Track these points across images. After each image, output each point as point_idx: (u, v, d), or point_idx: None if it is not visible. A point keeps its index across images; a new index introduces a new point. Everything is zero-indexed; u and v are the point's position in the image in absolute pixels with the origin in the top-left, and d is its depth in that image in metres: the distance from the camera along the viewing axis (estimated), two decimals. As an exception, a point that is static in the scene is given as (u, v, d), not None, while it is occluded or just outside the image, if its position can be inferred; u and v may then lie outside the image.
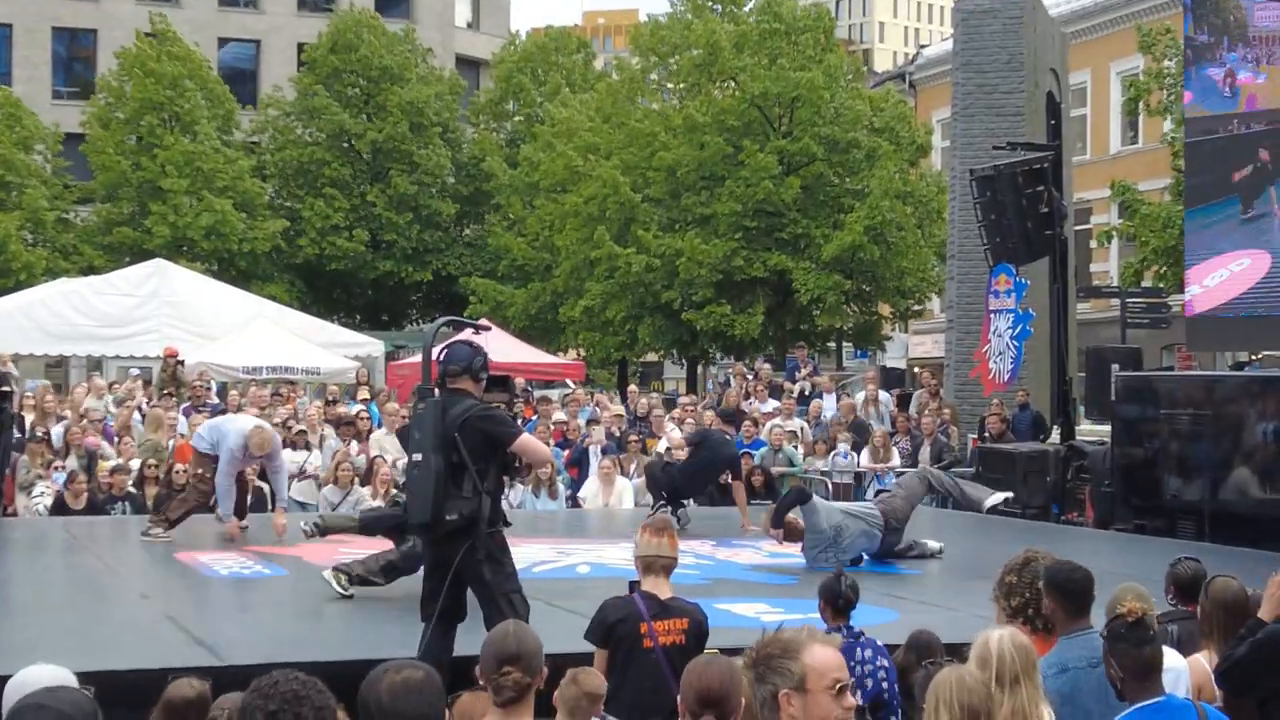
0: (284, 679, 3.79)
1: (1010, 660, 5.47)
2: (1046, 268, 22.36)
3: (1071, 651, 6.17)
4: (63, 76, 56.30)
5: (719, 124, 39.45)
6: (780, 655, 4.45)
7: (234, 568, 13.36)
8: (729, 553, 14.80)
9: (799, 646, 4.45)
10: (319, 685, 3.80)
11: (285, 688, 3.76)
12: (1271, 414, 16.29)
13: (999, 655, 5.48)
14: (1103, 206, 41.21)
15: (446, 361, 8.74)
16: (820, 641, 4.52)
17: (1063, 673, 6.06)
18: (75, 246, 44.53)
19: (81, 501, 17.71)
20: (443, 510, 8.42)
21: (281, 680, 3.78)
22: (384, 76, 48.39)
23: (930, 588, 12.81)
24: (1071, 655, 6.16)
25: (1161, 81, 32.82)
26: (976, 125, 26.68)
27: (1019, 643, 5.58)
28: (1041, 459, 20.08)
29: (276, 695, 3.73)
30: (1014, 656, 5.48)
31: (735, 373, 27.70)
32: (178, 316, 28.85)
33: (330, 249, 46.60)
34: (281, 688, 3.76)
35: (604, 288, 40.29)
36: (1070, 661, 6.13)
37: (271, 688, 3.76)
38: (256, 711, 3.72)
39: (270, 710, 3.70)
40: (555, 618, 9.93)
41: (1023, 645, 5.58)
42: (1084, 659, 6.10)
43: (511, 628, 5.58)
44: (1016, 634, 5.70)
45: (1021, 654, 5.52)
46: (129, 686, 6.64)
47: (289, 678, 3.79)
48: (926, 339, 47.98)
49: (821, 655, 4.44)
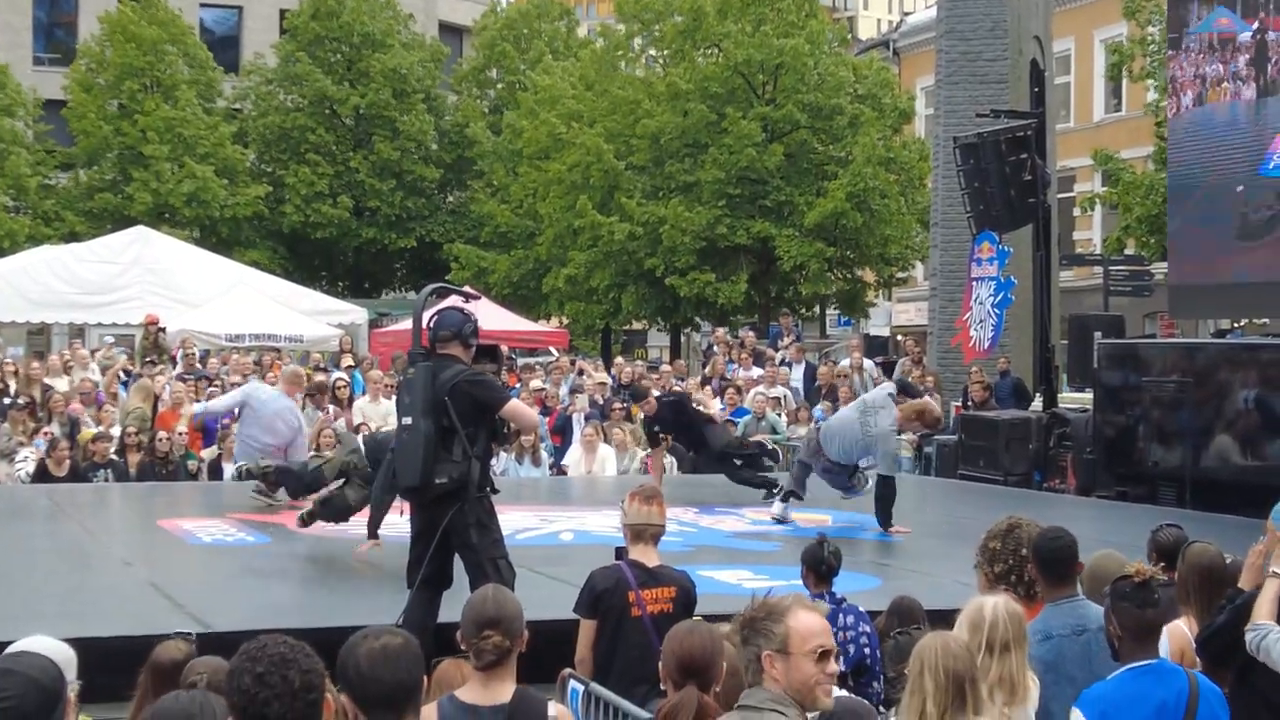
0: (272, 643, 3.79)
1: (1003, 627, 5.51)
2: (1029, 235, 22.36)
3: (1056, 619, 6.19)
4: (44, 42, 55.89)
5: (702, 91, 39.35)
6: (765, 618, 4.50)
7: (217, 535, 13.36)
8: (712, 520, 14.83)
9: (784, 610, 4.49)
10: (307, 649, 3.81)
11: (273, 651, 3.76)
12: (1252, 381, 16.34)
13: (991, 621, 5.52)
14: (1086, 174, 41.23)
15: (437, 327, 8.76)
16: (805, 607, 4.56)
17: (1047, 640, 6.08)
18: (57, 213, 44.34)
19: (64, 469, 17.69)
20: (432, 474, 8.45)
21: (269, 644, 3.79)
22: (366, 43, 48.15)
23: (912, 554, 12.85)
24: (1056, 623, 6.18)
25: (1145, 48, 32.79)
26: (960, 92, 26.67)
27: (1011, 610, 5.62)
28: (1023, 426, 20.13)
29: (264, 658, 3.74)
30: (1006, 624, 5.52)
31: (718, 340, 27.72)
32: (160, 284, 28.77)
33: (313, 216, 46.42)
34: (269, 651, 3.76)
35: (587, 256, 40.23)
36: (1055, 629, 6.15)
37: (259, 651, 3.77)
38: (244, 674, 3.72)
39: (258, 673, 3.71)
40: (538, 584, 9.95)
41: (1015, 613, 5.62)
42: (1068, 627, 6.12)
43: (491, 592, 5.58)
44: (1009, 601, 5.74)
45: (1014, 621, 5.55)
46: (111, 653, 6.63)
47: (277, 641, 3.80)
48: (910, 307, 48.03)
49: (806, 620, 4.48)
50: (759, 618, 4.52)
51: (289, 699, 3.71)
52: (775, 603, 4.59)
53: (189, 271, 29.73)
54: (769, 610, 4.53)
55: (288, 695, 3.71)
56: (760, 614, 4.53)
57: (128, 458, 18.41)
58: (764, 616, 4.51)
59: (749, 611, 4.59)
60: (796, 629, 4.44)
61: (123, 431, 18.89)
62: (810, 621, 4.48)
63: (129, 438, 18.62)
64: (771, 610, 4.52)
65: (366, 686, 4.15)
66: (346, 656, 4.20)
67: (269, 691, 3.69)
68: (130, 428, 18.87)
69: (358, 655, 4.18)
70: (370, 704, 4.15)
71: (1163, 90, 28.13)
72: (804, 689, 4.43)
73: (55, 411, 19.38)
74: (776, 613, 4.50)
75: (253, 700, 3.70)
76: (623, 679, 6.90)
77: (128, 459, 18.40)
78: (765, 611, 4.53)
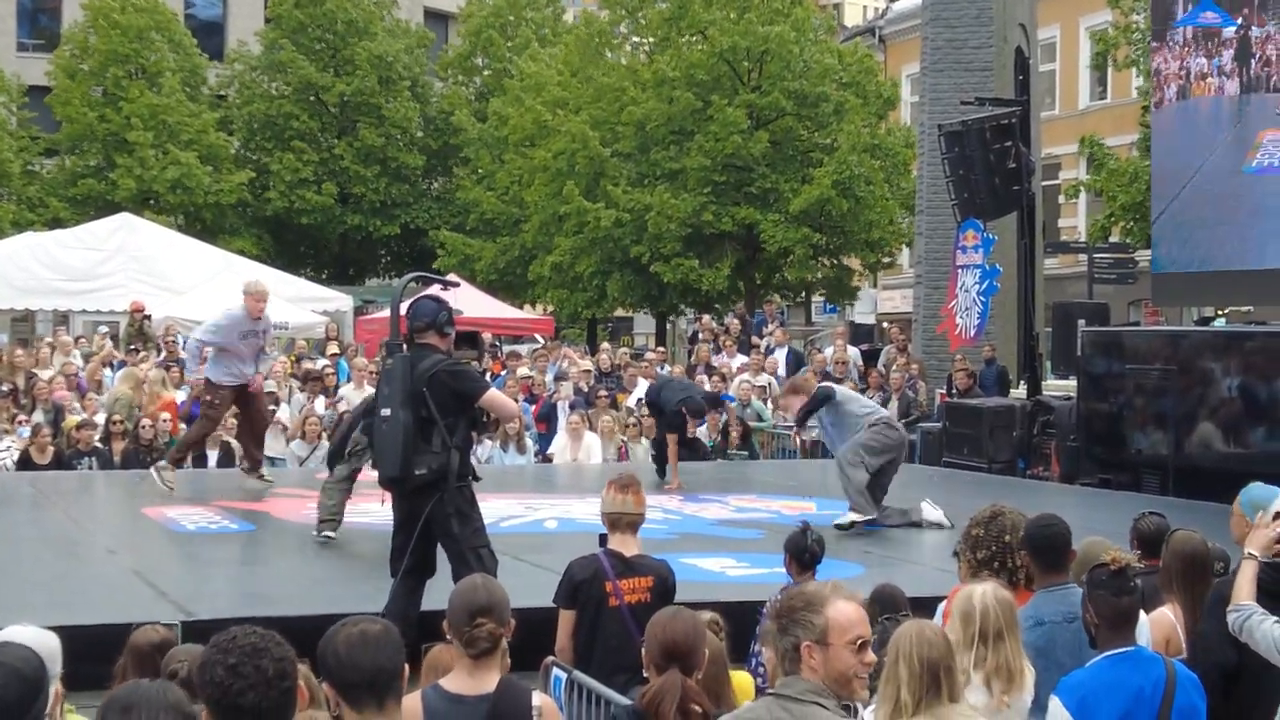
0: (242, 633, 3.80)
1: (994, 615, 5.53)
2: (1014, 223, 22.39)
3: (1048, 606, 6.22)
4: (28, 28, 55.71)
5: (688, 78, 39.32)
6: (804, 609, 4.49)
7: (201, 523, 13.36)
8: (696, 507, 14.86)
9: (823, 601, 4.49)
10: (278, 638, 3.81)
11: (244, 641, 3.76)
12: (1236, 369, 16.39)
13: (982, 611, 5.55)
14: (1071, 162, 41.25)
15: (413, 317, 8.77)
16: (844, 597, 4.56)
17: (1038, 626, 6.11)
18: (41, 199, 44.25)
19: (47, 456, 17.67)
20: (411, 465, 8.48)
21: (240, 635, 3.79)
22: (351, 30, 48.04)
23: (895, 542, 12.87)
24: (1048, 610, 6.20)
25: (1129, 36, 32.83)
26: (945, 80, 26.69)
27: (1001, 598, 5.64)
28: (1008, 414, 20.17)
29: (235, 649, 3.74)
30: (997, 612, 5.55)
31: (703, 327, 27.72)
32: (144, 271, 28.70)
33: (298, 203, 46.36)
34: (240, 641, 3.76)
35: (573, 243, 40.21)
36: (1046, 616, 6.17)
37: (230, 642, 3.77)
38: (216, 666, 3.72)
39: (230, 664, 3.71)
40: (522, 572, 9.97)
41: (1005, 600, 5.64)
42: (1060, 614, 6.14)
43: (480, 580, 5.60)
44: (999, 589, 5.76)
45: (1004, 609, 5.58)
46: (95, 640, 6.64)
47: (247, 632, 3.80)
48: (895, 294, 48.07)
49: (845, 610, 4.49)
50: (798, 608, 4.50)
51: (264, 688, 3.71)
52: (814, 592, 4.58)
53: (173, 258, 29.65)
54: (808, 601, 4.51)
55: (262, 685, 3.71)
56: (799, 604, 4.51)
57: (112, 445, 18.40)
58: (803, 607, 4.49)
59: (787, 600, 4.58)
60: (836, 620, 4.44)
61: (108, 419, 18.86)
62: (849, 612, 4.49)
63: (114, 425, 18.60)
64: (811, 600, 4.51)
65: (345, 672, 4.16)
66: (326, 644, 4.22)
67: (243, 682, 3.69)
68: (116, 415, 18.84)
69: (336, 642, 4.19)
70: (350, 690, 4.16)
71: (1148, 76, 28.15)
72: (842, 680, 4.44)
73: (40, 399, 19.35)
74: (816, 603, 4.48)
75: (226, 692, 3.69)
76: (602, 668, 6.93)
77: (112, 446, 18.38)
78: (804, 602, 4.51)
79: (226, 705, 3.71)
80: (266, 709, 3.72)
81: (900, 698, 4.68)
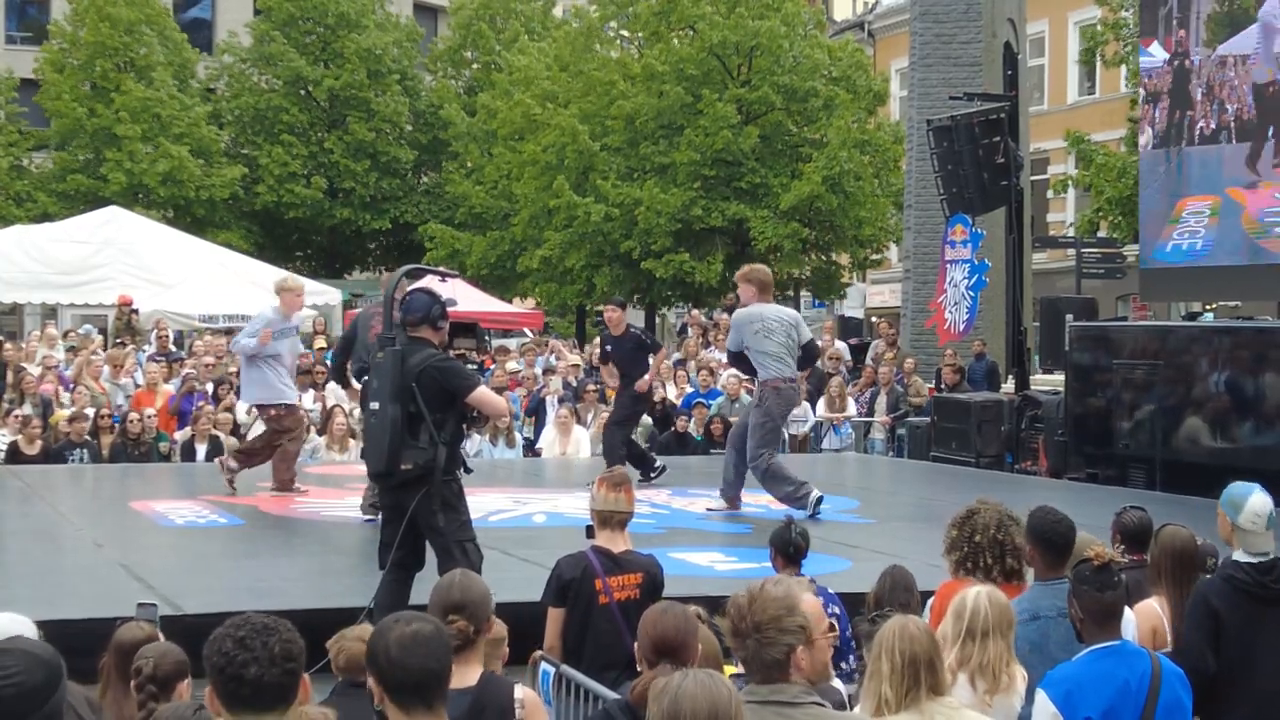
0: (255, 615, 3.92)
1: (984, 614, 5.59)
2: (1003, 218, 22.45)
3: (1044, 600, 6.26)
4: (15, 21, 55.55)
5: (678, 73, 39.30)
6: (786, 614, 4.47)
7: (189, 517, 13.35)
8: (684, 502, 14.86)
9: (795, 601, 4.47)
10: (289, 625, 3.91)
11: (256, 620, 3.88)
12: (1223, 364, 16.43)
13: (974, 609, 5.62)
14: (1059, 156, 41.25)
15: (406, 311, 8.76)
16: (804, 589, 4.56)
17: (1033, 620, 6.16)
18: (30, 194, 44.14)
19: (36, 448, 17.65)
20: (398, 460, 8.47)
21: (253, 616, 3.91)
22: (341, 23, 47.96)
23: (882, 536, 12.88)
24: (1044, 604, 6.24)
25: (1118, 32, 32.84)
26: (934, 75, 26.76)
27: (996, 600, 5.70)
28: (996, 408, 20.21)
29: (246, 625, 3.85)
30: (988, 612, 5.61)
31: (692, 321, 27.72)
32: (133, 264, 28.68)
33: (288, 196, 46.30)
34: (252, 620, 3.88)
35: (563, 237, 40.17)
36: (1042, 610, 6.21)
37: (243, 620, 3.88)
38: (226, 639, 3.82)
39: (239, 637, 3.81)
40: (510, 567, 9.98)
41: (999, 603, 5.69)
42: (1055, 608, 6.17)
43: (457, 577, 5.60)
44: (995, 591, 5.84)
45: (996, 610, 5.63)
46: (82, 634, 6.64)
47: (260, 614, 3.93)
48: (884, 289, 48.11)
49: (812, 604, 4.51)
50: (780, 615, 4.45)
51: (267, 663, 3.79)
52: (784, 595, 4.52)
53: (162, 252, 29.63)
54: (786, 606, 4.47)
55: (266, 659, 3.79)
56: (779, 610, 4.45)
57: (100, 439, 18.38)
58: (785, 613, 4.45)
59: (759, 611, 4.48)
60: (811, 615, 4.45)
61: (96, 413, 18.85)
62: (815, 602, 4.51)
63: (102, 419, 18.59)
64: (788, 605, 4.47)
65: (396, 672, 4.15)
66: (377, 641, 4.22)
67: (248, 654, 3.78)
68: (104, 410, 18.83)
69: (388, 640, 4.18)
70: (398, 690, 4.16)
71: (1135, 75, 28.17)
72: (822, 667, 4.48)
73: (28, 392, 19.32)
74: (793, 606, 4.47)
75: (231, 662, 3.78)
76: (592, 665, 6.92)
77: (100, 440, 18.37)
78: (784, 608, 4.46)
79: (230, 675, 3.79)
80: (268, 684, 3.80)
81: (882, 693, 4.70)
